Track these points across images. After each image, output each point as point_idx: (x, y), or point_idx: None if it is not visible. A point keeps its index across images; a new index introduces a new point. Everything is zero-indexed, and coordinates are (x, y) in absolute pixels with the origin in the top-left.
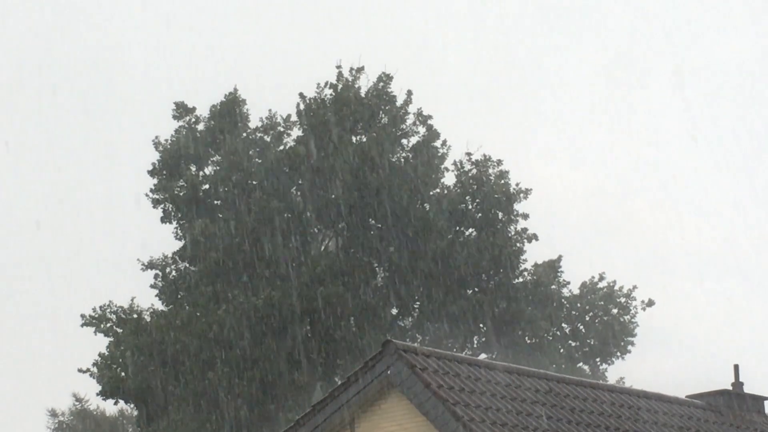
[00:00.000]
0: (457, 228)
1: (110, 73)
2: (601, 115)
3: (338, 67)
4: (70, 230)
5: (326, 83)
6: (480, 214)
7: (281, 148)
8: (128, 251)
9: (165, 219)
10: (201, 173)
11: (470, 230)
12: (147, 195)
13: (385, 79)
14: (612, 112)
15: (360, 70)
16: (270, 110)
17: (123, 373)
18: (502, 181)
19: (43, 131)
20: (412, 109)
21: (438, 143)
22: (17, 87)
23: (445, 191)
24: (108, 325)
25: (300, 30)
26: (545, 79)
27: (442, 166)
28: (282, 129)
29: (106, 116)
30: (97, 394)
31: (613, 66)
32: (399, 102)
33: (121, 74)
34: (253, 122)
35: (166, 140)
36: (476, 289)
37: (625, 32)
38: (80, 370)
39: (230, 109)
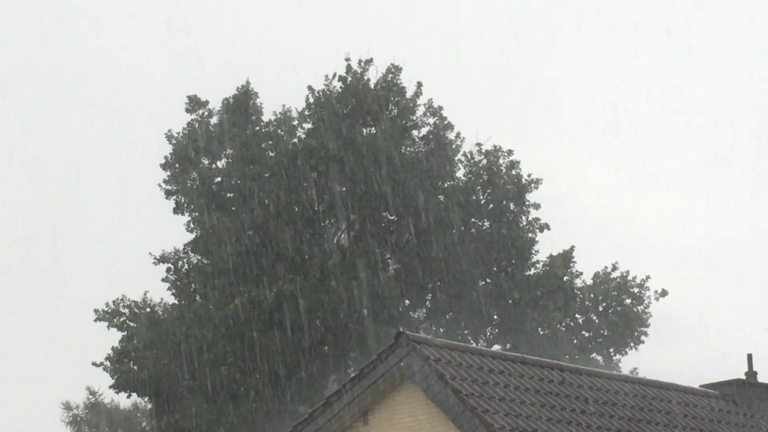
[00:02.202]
0: (470, 219)
1: (123, 67)
2: (612, 104)
3: (347, 59)
4: (82, 224)
5: (334, 75)
6: (491, 205)
7: (293, 141)
8: (140, 244)
9: (177, 212)
10: (213, 166)
11: (482, 221)
12: (159, 187)
13: (394, 70)
14: (623, 102)
15: (369, 61)
16: (284, 105)
17: (136, 367)
18: (514, 171)
19: (55, 124)
20: (422, 100)
21: (452, 135)
22: (29, 80)
23: (459, 183)
24: (121, 319)
25: (310, 23)
26: (556, 68)
27: (456, 158)
28: (296, 123)
29: (119, 110)
30: (110, 387)
31: (626, 52)
32: (409, 94)
33: (134, 68)
34: (266, 116)
35: (179, 133)
36: (488, 280)
37: (638, 21)
38: (94, 364)
39: (243, 102)
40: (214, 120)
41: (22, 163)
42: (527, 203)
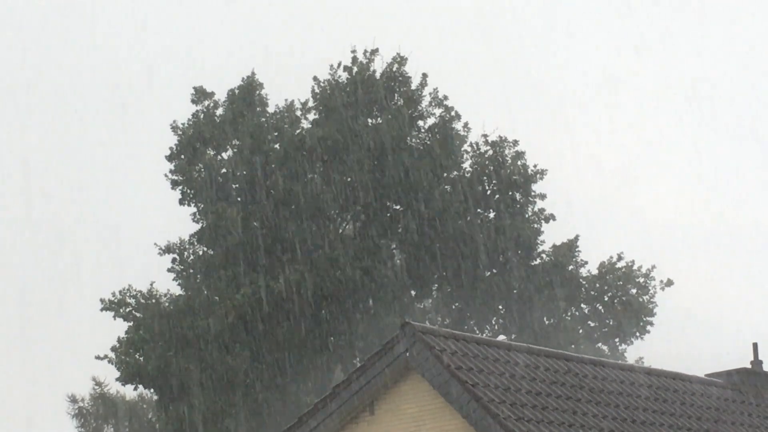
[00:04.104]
0: (476, 210)
1: (130, 58)
2: (618, 92)
3: (353, 51)
4: (88, 214)
5: (339, 64)
6: (498, 195)
7: (298, 131)
8: (146, 235)
9: (183, 202)
10: (219, 157)
11: (488, 211)
12: (165, 177)
13: (400, 60)
14: (627, 91)
15: (374, 52)
16: (286, 99)
17: (141, 358)
18: (519, 162)
19: (62, 116)
20: (427, 90)
21: (459, 125)
22: (36, 71)
23: (465, 173)
24: (127, 309)
25: (315, 14)
26: (561, 58)
27: (462, 149)
28: (300, 113)
29: (125, 100)
30: (116, 380)
31: (630, 41)
32: (414, 84)
33: (140, 59)
34: (271, 107)
35: (184, 123)
36: (494, 271)
37: (640, 9)
38: (98, 357)
39: (248, 93)
40: (219, 111)
41: (29, 153)
42: (533, 194)
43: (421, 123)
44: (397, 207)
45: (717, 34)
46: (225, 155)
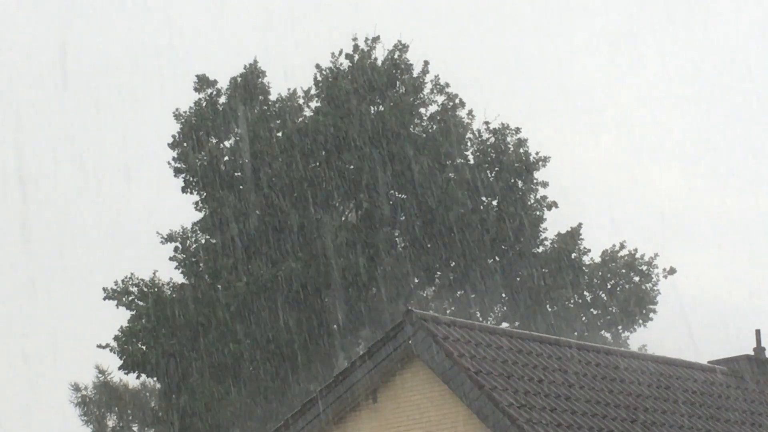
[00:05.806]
0: (478, 197)
1: (131, 45)
2: (620, 80)
3: (354, 39)
4: (89, 203)
5: (340, 51)
6: (500, 183)
7: (300, 119)
8: (148, 223)
9: (185, 190)
10: (222, 145)
11: (490, 199)
12: (168, 164)
13: (401, 48)
14: (630, 78)
15: (376, 39)
16: (289, 88)
17: (144, 347)
18: (521, 150)
19: (63, 104)
20: (429, 78)
21: (464, 113)
22: (37, 59)
23: (467, 161)
24: (130, 298)
25: (318, 1)
26: (564, 46)
27: (467, 137)
28: (302, 101)
29: (127, 88)
30: (119, 368)
31: (630, 32)
32: (416, 72)
33: (142, 47)
34: (273, 95)
35: (186, 111)
36: (497, 258)
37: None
38: (99, 346)
39: (250, 80)
40: (222, 99)
41: (30, 142)
42: (535, 181)
43: (423, 111)
44: (400, 195)
45: (721, 20)
46: (227, 143)
